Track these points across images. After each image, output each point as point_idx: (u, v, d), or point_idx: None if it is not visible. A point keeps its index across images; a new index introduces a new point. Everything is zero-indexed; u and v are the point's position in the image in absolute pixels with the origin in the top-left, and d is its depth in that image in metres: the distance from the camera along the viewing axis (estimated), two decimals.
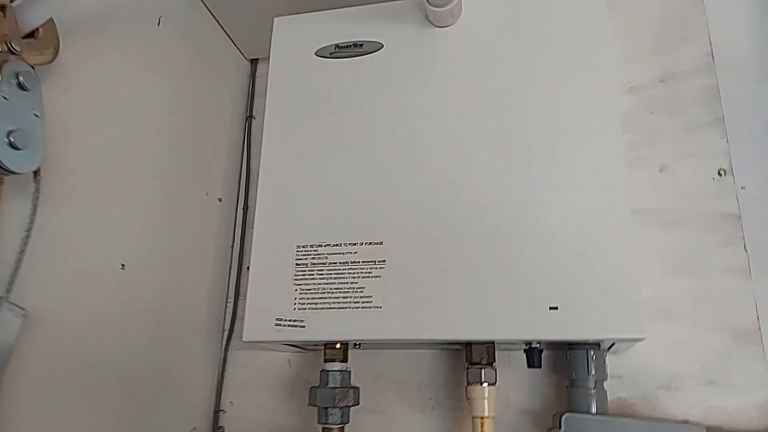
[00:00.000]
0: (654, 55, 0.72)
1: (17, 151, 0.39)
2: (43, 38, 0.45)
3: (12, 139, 0.39)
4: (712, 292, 0.62)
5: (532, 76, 0.61)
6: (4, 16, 0.41)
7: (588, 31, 0.62)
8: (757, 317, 0.60)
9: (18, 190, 0.43)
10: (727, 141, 0.67)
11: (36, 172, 0.42)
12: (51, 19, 0.45)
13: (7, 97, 0.39)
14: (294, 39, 0.70)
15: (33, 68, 0.42)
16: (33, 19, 0.43)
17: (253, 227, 0.64)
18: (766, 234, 0.64)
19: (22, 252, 0.40)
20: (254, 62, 0.86)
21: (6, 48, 0.41)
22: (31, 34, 0.44)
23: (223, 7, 0.75)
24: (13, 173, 0.40)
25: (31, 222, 0.41)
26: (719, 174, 0.66)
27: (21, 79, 0.40)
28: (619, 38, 0.72)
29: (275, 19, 0.71)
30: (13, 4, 0.42)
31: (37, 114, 0.42)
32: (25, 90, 0.41)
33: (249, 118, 0.83)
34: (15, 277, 0.40)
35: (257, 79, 0.85)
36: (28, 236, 0.41)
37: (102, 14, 0.54)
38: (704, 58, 0.70)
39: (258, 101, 0.84)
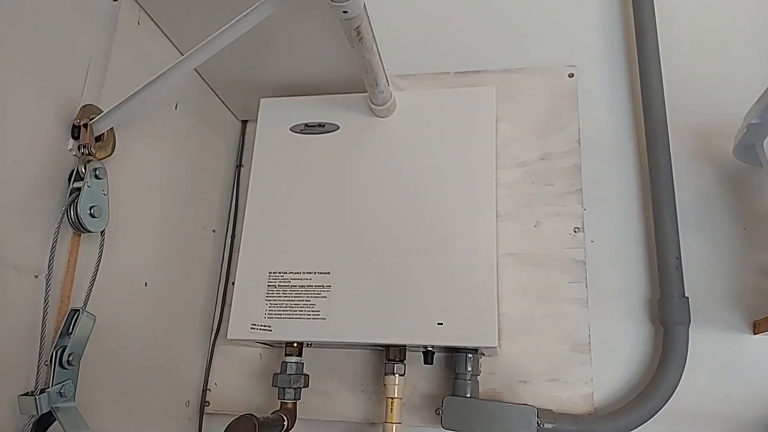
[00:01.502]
0: (538, 139, 0.97)
1: (94, 219, 0.64)
2: (107, 139, 0.69)
3: (92, 212, 0.63)
4: (560, 316, 0.88)
5: (438, 157, 0.87)
6: (86, 130, 0.66)
7: (477, 124, 0.87)
8: (589, 335, 0.87)
9: (86, 241, 0.67)
10: (583, 206, 0.93)
11: (102, 231, 0.67)
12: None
13: (90, 185, 0.64)
14: (274, 116, 0.95)
15: (101, 162, 0.67)
16: (101, 128, 0.68)
17: (238, 253, 0.89)
18: (602, 276, 0.90)
19: (93, 280, 0.65)
20: (244, 123, 1.10)
21: (87, 152, 0.65)
22: (99, 137, 0.68)
23: (223, 85, 0.99)
24: (90, 232, 0.64)
25: (98, 264, 0.66)
26: (575, 231, 0.92)
27: (97, 172, 0.65)
28: (514, 125, 0.98)
29: (261, 100, 0.96)
30: (91, 122, 0.66)
31: (105, 193, 0.66)
32: (99, 179, 0.65)
33: (238, 166, 1.08)
34: (89, 296, 0.64)
35: (246, 136, 1.09)
36: (96, 272, 0.66)
37: (137, 111, 0.78)
38: (573, 144, 0.96)
39: (245, 153, 1.08)
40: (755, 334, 0.83)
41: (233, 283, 0.99)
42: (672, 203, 0.88)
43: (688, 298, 0.83)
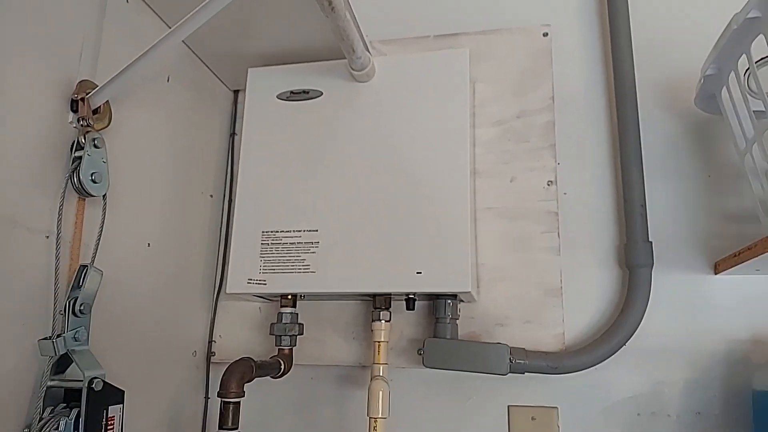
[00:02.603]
0: (514, 97, 1.02)
1: (95, 184, 0.71)
2: (103, 111, 0.76)
3: (93, 178, 0.70)
4: (534, 263, 0.94)
5: (416, 118, 0.92)
6: (84, 104, 0.72)
7: (453, 85, 0.92)
8: (561, 280, 0.93)
9: (90, 205, 0.75)
10: (557, 161, 0.98)
11: (104, 195, 0.74)
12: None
13: (90, 154, 0.70)
14: (262, 85, 1.00)
15: (99, 132, 0.74)
16: (98, 101, 0.74)
17: (233, 218, 0.96)
18: (573, 225, 0.96)
19: (98, 240, 0.72)
20: (236, 92, 1.16)
21: (86, 124, 0.72)
22: (96, 110, 0.75)
23: (213, 57, 1.05)
24: (93, 196, 0.72)
25: (102, 225, 0.73)
26: (548, 184, 0.97)
27: (95, 142, 0.72)
28: (491, 85, 1.03)
29: (249, 69, 1.01)
30: (88, 96, 0.73)
31: (104, 160, 0.73)
32: (97, 148, 0.72)
33: (232, 134, 1.14)
34: (96, 253, 0.72)
35: (238, 105, 1.15)
36: (100, 233, 0.73)
37: (132, 84, 0.84)
38: (547, 101, 1.01)
39: (238, 122, 1.14)
40: (716, 273, 0.89)
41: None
42: (638, 154, 0.92)
43: (651, 242, 0.89)
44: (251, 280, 0.91)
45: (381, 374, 0.89)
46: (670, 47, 0.99)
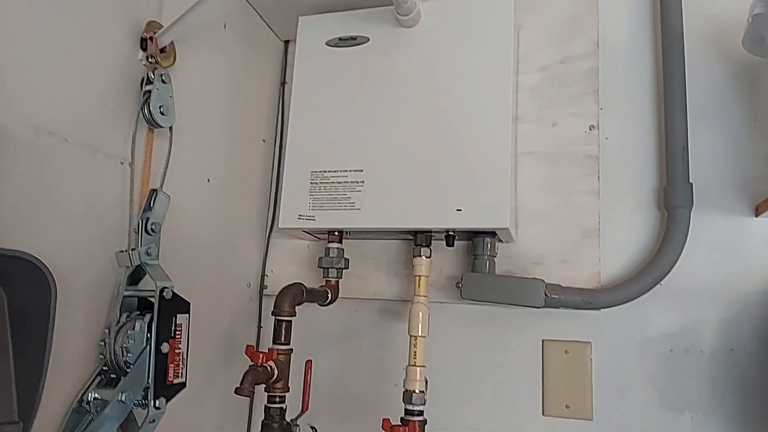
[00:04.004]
0: (558, 44, 1.03)
1: (163, 116, 0.78)
2: (169, 51, 0.82)
3: (161, 110, 0.77)
4: (573, 206, 0.97)
5: (460, 62, 0.94)
6: (152, 43, 0.79)
7: (496, 31, 0.94)
8: (599, 222, 0.95)
9: (158, 137, 0.82)
10: (599, 106, 0.99)
11: (171, 127, 0.80)
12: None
13: (158, 88, 0.77)
14: (312, 32, 1.05)
15: (165, 69, 0.80)
16: (164, 41, 0.80)
17: (285, 159, 1.02)
18: (614, 169, 0.98)
19: (165, 168, 0.80)
20: (287, 43, 1.21)
21: (154, 61, 0.78)
22: (162, 49, 0.81)
23: (266, 7, 1.10)
24: (161, 127, 0.79)
25: (169, 155, 0.80)
26: (590, 128, 0.99)
27: (163, 78, 0.78)
28: (535, 32, 1.04)
29: (300, 18, 1.06)
30: (156, 36, 0.79)
31: (171, 95, 0.80)
32: (165, 83, 0.79)
33: (283, 83, 1.19)
34: (164, 181, 0.79)
35: (288, 55, 1.20)
36: (167, 162, 0.80)
37: (193, 28, 0.89)
38: (591, 47, 1.01)
39: (288, 70, 1.19)
40: (757, 216, 0.89)
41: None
42: (683, 98, 0.93)
43: (692, 184, 0.90)
44: (302, 216, 0.98)
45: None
46: None
